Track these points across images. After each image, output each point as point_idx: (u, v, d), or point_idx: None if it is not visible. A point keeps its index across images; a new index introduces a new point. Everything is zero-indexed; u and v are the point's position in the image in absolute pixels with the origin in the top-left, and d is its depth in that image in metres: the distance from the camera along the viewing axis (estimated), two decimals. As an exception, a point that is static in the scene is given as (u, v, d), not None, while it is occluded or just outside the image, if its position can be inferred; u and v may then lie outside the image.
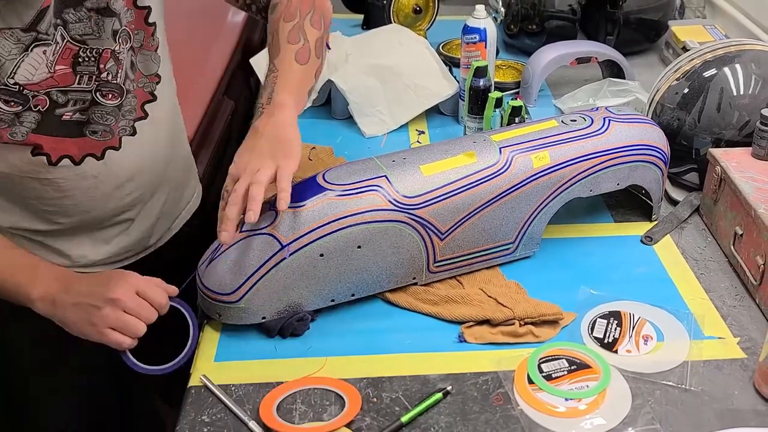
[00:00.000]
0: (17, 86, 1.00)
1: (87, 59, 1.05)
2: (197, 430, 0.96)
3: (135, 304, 1.03)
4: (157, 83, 1.17)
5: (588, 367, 1.04)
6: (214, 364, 1.06)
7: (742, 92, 1.35)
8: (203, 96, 1.64)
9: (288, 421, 0.97)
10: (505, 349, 1.08)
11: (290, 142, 1.07)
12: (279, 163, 1.04)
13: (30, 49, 0.99)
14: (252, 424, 0.96)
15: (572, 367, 1.04)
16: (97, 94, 1.08)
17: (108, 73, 1.08)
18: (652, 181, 1.31)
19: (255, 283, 1.06)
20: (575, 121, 1.27)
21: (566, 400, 1.00)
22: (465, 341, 1.10)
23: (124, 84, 1.10)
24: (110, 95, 1.09)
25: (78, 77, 1.05)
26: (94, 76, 1.06)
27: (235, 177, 1.04)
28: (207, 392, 1.02)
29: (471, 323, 1.11)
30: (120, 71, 1.09)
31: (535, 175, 1.19)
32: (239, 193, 1.02)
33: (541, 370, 1.04)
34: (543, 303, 1.13)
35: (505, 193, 1.17)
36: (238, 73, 1.94)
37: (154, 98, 1.16)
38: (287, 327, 1.10)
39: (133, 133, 1.14)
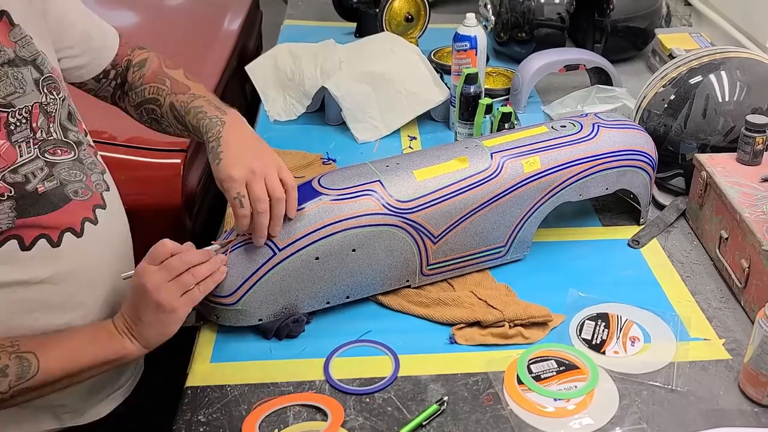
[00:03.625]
0: None
1: (18, 123, 0.94)
2: (194, 429, 0.98)
3: (175, 267, 0.99)
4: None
5: (576, 368, 1.06)
6: (211, 365, 1.08)
7: (727, 99, 1.37)
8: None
9: None
10: (495, 351, 1.10)
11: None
12: (275, 163, 1.07)
13: None
14: None
15: (561, 368, 1.06)
16: (45, 155, 0.97)
17: (41, 131, 0.97)
18: (641, 185, 1.33)
19: (252, 286, 1.08)
20: (565, 127, 1.29)
21: (555, 400, 1.01)
22: (456, 343, 1.11)
23: (66, 137, 1.01)
24: (58, 151, 0.99)
25: (18, 148, 0.94)
26: (30, 140, 0.95)
27: (243, 180, 1.03)
28: (203, 392, 1.03)
29: (462, 325, 1.13)
30: (52, 124, 0.99)
31: (525, 180, 1.21)
32: (265, 198, 1.04)
33: (530, 371, 1.05)
34: (532, 305, 1.15)
35: (496, 198, 1.19)
36: (233, 80, 1.96)
37: None
38: (283, 328, 1.11)
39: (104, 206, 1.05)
